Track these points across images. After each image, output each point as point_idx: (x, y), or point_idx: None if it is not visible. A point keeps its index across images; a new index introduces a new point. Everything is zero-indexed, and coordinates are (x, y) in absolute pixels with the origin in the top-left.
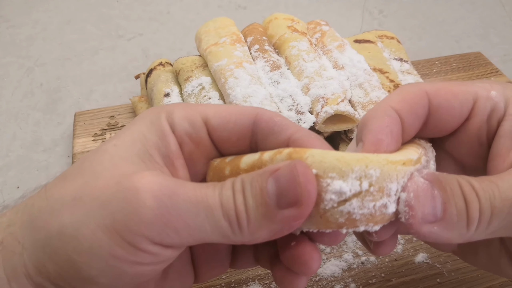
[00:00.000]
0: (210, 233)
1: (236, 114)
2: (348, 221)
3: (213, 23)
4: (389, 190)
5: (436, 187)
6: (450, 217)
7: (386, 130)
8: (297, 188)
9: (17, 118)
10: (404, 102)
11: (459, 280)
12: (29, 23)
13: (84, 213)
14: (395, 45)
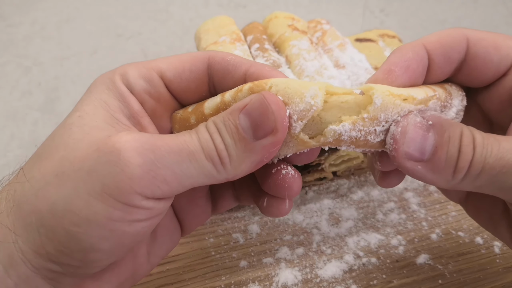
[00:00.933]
0: (196, 176)
1: (189, 61)
2: (335, 141)
3: (212, 22)
4: (380, 120)
5: (434, 130)
6: (438, 161)
7: (402, 63)
8: (271, 117)
9: (15, 117)
10: (438, 43)
11: (461, 281)
12: (27, 22)
13: (72, 186)
14: (396, 44)
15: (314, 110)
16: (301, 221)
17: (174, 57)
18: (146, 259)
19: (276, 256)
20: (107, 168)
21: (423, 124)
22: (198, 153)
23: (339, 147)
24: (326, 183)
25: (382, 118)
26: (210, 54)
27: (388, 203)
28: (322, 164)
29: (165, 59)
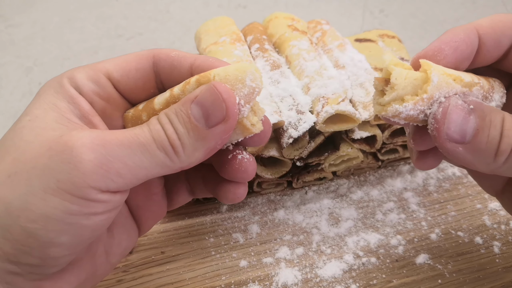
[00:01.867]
0: (149, 167)
1: (135, 60)
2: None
3: (213, 22)
4: (435, 99)
5: (475, 114)
6: (479, 143)
7: (452, 43)
8: (222, 105)
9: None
10: (491, 28)
11: (461, 281)
12: (28, 23)
13: (26, 185)
14: (396, 45)
15: (257, 92)
16: (301, 221)
17: (120, 58)
18: (105, 258)
19: (276, 256)
20: (60, 165)
21: (465, 107)
22: (150, 144)
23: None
24: (325, 183)
25: (436, 97)
26: (154, 51)
27: (388, 203)
28: (322, 164)
29: (111, 60)
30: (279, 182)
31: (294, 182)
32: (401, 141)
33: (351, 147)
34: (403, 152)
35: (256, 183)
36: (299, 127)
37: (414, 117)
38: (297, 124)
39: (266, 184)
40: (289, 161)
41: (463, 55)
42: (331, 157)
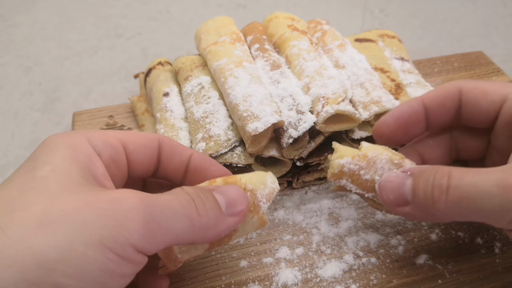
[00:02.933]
0: (177, 233)
1: (144, 138)
2: (339, 172)
3: (212, 22)
4: (369, 158)
5: (412, 177)
6: (418, 199)
7: (394, 114)
8: (244, 202)
9: (16, 118)
10: (434, 96)
11: (461, 281)
12: (27, 22)
13: (65, 237)
14: (396, 44)
15: (276, 192)
16: (301, 221)
17: (131, 132)
18: None
19: (276, 256)
20: (104, 221)
21: (400, 175)
22: (184, 210)
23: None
24: (325, 183)
25: (370, 156)
26: (159, 136)
27: None
28: (322, 164)
29: (123, 132)
30: (279, 182)
31: (294, 182)
32: None
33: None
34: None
35: None
36: (299, 127)
37: (357, 175)
38: (297, 124)
39: None
40: (289, 161)
41: (407, 123)
42: None
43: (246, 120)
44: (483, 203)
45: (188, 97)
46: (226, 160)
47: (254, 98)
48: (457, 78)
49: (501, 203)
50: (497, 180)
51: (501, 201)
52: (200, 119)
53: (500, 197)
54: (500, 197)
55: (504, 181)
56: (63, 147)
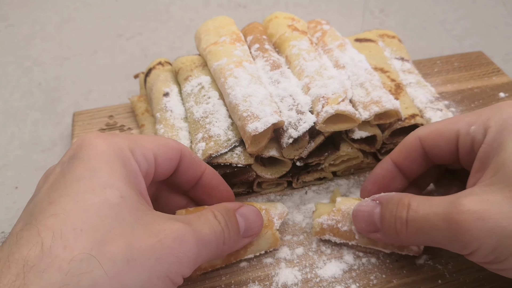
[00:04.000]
0: (205, 259)
1: (172, 151)
2: (321, 230)
3: (212, 22)
4: (343, 211)
5: (381, 206)
6: (385, 228)
7: (372, 179)
8: (260, 225)
9: (16, 117)
10: (399, 153)
11: (461, 281)
12: (27, 22)
13: (145, 273)
14: (396, 44)
15: (286, 214)
16: (301, 221)
17: (159, 140)
18: None
19: (276, 256)
20: (171, 258)
21: (370, 205)
22: (216, 240)
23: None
24: (325, 183)
25: (343, 208)
26: (182, 147)
27: None
28: (322, 164)
29: (153, 141)
30: (279, 182)
31: (294, 182)
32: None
33: (351, 147)
34: None
35: (256, 183)
36: (299, 127)
37: (335, 228)
38: (297, 124)
39: (266, 184)
40: (289, 161)
41: (384, 183)
42: (331, 157)
43: (246, 120)
44: (434, 234)
45: (188, 97)
46: (226, 160)
47: (254, 98)
48: (457, 78)
49: (448, 235)
50: (443, 214)
51: (448, 233)
52: (200, 119)
53: (446, 230)
54: (446, 230)
55: (448, 216)
56: (117, 164)
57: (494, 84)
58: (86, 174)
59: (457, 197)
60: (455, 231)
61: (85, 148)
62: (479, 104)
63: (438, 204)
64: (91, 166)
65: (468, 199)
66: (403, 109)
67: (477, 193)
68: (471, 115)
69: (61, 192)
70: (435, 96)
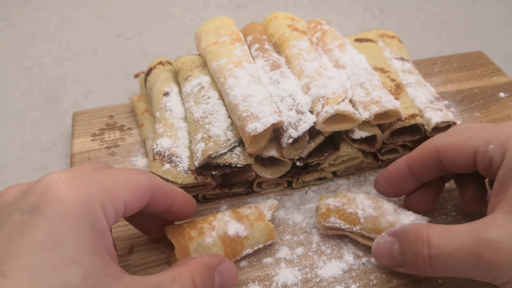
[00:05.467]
0: None
1: (142, 190)
2: (327, 211)
3: (212, 22)
4: (348, 197)
5: (398, 242)
6: (407, 263)
7: (384, 175)
8: (234, 281)
9: (16, 117)
10: (415, 158)
11: (461, 281)
12: (27, 22)
13: None
14: (396, 44)
15: (276, 204)
16: (301, 221)
17: (131, 181)
18: None
19: (276, 256)
20: None
21: (388, 240)
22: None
23: (334, 231)
24: (325, 183)
25: (349, 196)
26: (154, 184)
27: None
28: (322, 164)
29: (126, 184)
30: (279, 182)
31: (294, 182)
32: (401, 141)
33: (351, 147)
34: (403, 152)
35: (256, 183)
36: (299, 127)
37: (341, 210)
38: (297, 124)
39: (266, 184)
40: (289, 161)
41: (396, 182)
42: (331, 157)
43: (246, 120)
44: (463, 270)
45: (188, 97)
46: (225, 160)
47: (254, 98)
48: (457, 78)
49: (478, 271)
50: (471, 251)
51: (477, 269)
52: (199, 119)
53: (475, 266)
54: (475, 266)
55: (476, 253)
56: (85, 229)
57: (494, 84)
58: (49, 242)
59: (481, 229)
60: (485, 267)
61: (51, 202)
62: (479, 104)
63: (462, 238)
64: (55, 232)
65: (493, 232)
66: (403, 109)
67: (501, 224)
68: (490, 130)
69: (17, 262)
70: (435, 96)
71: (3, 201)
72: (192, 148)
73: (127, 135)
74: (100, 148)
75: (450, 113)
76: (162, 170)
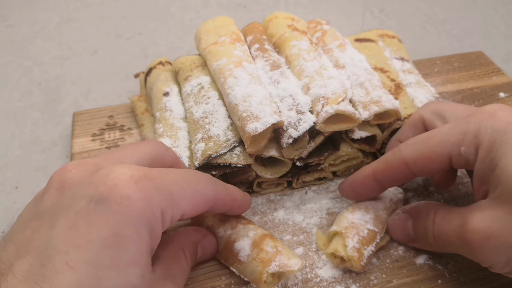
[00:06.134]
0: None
1: (202, 204)
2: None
3: (212, 22)
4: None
5: (412, 219)
6: (420, 240)
7: (350, 184)
8: (213, 253)
9: (16, 117)
10: (384, 171)
11: (461, 281)
12: (27, 22)
13: None
14: (396, 44)
15: (293, 269)
16: (301, 221)
17: (197, 193)
18: None
19: None
20: None
21: (402, 217)
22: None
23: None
24: (325, 183)
25: (347, 224)
26: (217, 196)
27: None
28: (322, 164)
29: (191, 196)
30: (279, 182)
31: (294, 182)
32: None
33: (351, 147)
34: None
35: (256, 183)
36: (299, 127)
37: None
38: (297, 124)
39: (266, 184)
40: (289, 161)
41: (361, 192)
42: (331, 157)
43: (246, 120)
44: (458, 250)
45: (188, 97)
46: (225, 160)
47: (254, 99)
48: (457, 78)
49: (466, 252)
50: (457, 232)
51: (464, 250)
52: (199, 119)
53: (462, 247)
54: (462, 247)
55: (461, 235)
56: (145, 234)
57: (494, 84)
58: (114, 241)
59: (467, 212)
60: (469, 249)
61: (120, 199)
62: (479, 104)
63: (454, 220)
64: (121, 231)
65: (474, 216)
66: (403, 109)
67: (482, 208)
68: (455, 132)
69: (82, 256)
70: (435, 96)
71: (69, 179)
72: (192, 148)
73: (127, 135)
74: (100, 148)
75: None
76: None
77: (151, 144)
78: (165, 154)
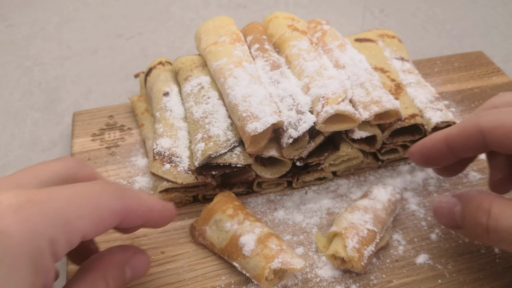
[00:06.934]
0: None
1: (107, 221)
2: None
3: (212, 22)
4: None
5: (462, 203)
6: (467, 229)
7: (419, 148)
8: (145, 272)
9: (16, 118)
10: (456, 137)
11: (461, 281)
12: (27, 22)
13: None
14: (396, 44)
15: (296, 269)
16: (301, 221)
17: (99, 207)
18: None
19: None
20: None
21: (450, 201)
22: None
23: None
24: (325, 183)
25: (346, 225)
26: (126, 205)
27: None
28: (322, 164)
29: (90, 214)
30: (279, 182)
31: (294, 182)
32: (401, 141)
33: (351, 147)
34: (403, 152)
35: (256, 183)
36: (299, 127)
37: (365, 239)
38: (297, 124)
39: (266, 184)
40: (289, 161)
41: (432, 157)
42: (331, 157)
43: (246, 120)
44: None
45: (188, 97)
46: (225, 160)
47: (254, 99)
48: (457, 78)
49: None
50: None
51: None
52: (199, 119)
53: None
54: None
55: None
56: (26, 272)
57: (494, 84)
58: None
59: None
60: None
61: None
62: (479, 104)
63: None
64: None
65: None
66: (403, 109)
67: None
68: None
69: None
70: (435, 96)
71: None
72: (192, 148)
73: (127, 135)
74: (100, 148)
75: (450, 113)
76: (162, 170)
77: (63, 163)
78: (79, 172)
